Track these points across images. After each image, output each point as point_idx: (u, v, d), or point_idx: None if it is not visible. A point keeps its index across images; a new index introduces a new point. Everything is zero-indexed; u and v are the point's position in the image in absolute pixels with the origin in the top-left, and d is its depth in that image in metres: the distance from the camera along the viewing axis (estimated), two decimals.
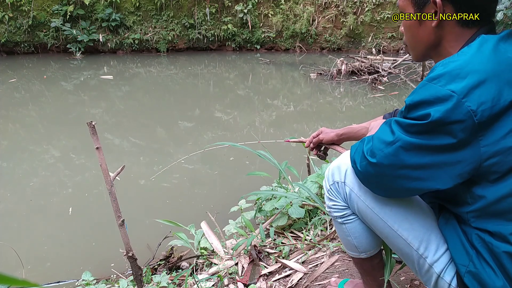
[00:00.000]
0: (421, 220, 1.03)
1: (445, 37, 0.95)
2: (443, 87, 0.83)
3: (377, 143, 0.94)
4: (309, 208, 2.19)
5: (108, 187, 1.52)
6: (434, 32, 0.96)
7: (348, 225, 1.17)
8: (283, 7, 10.06)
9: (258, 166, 3.77)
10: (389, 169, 0.92)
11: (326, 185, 1.17)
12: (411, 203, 1.06)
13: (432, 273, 1.01)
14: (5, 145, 4.67)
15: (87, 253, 2.66)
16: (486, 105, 0.81)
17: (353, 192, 1.09)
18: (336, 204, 1.16)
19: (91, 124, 1.48)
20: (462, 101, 0.81)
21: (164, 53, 10.12)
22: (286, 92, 7.08)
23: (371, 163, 0.95)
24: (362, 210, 1.09)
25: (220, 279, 1.78)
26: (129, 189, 3.45)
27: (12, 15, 9.26)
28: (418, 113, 0.86)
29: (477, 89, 0.81)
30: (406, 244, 1.03)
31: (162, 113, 5.90)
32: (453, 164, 0.86)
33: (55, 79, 7.85)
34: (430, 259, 1.00)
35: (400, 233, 1.03)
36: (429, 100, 0.84)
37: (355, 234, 1.18)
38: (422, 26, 0.97)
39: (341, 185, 1.12)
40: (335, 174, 1.14)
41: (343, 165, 1.12)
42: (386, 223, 1.05)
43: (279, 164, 2.24)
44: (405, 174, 0.91)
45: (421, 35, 0.98)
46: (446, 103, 0.82)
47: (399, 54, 9.60)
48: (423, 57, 1.04)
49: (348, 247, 1.24)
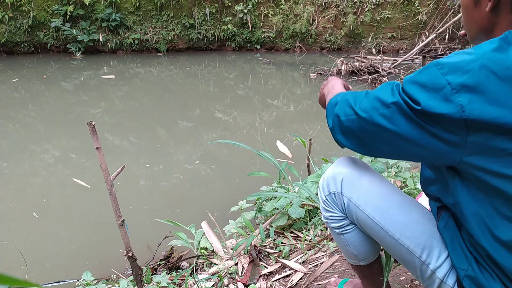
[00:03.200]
0: (422, 227, 1.02)
1: (498, 24, 0.89)
2: (443, 75, 0.80)
3: (373, 100, 0.89)
4: (309, 208, 2.19)
5: (108, 187, 1.52)
6: (488, 17, 0.89)
7: (347, 235, 1.16)
8: (283, 7, 10.06)
9: (258, 166, 3.77)
10: (376, 129, 0.88)
11: (322, 196, 1.15)
12: (412, 208, 1.05)
13: (434, 278, 0.99)
14: (5, 145, 4.67)
15: (87, 253, 2.67)
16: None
17: (351, 202, 1.08)
18: (333, 215, 1.14)
19: (91, 124, 1.48)
20: (455, 95, 0.78)
21: (164, 53, 10.12)
22: (286, 92, 7.08)
23: (360, 118, 0.90)
24: (362, 219, 1.07)
25: (220, 279, 1.78)
26: (129, 189, 3.45)
27: (12, 15, 9.26)
28: (411, 91, 0.82)
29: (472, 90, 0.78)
30: (408, 252, 1.01)
31: (162, 113, 5.90)
32: (437, 150, 0.83)
33: (55, 79, 7.85)
34: (433, 265, 0.99)
35: (402, 241, 1.02)
36: (425, 84, 0.81)
37: (354, 243, 1.17)
38: (477, 8, 0.91)
39: (338, 195, 1.10)
40: (330, 184, 1.11)
41: (338, 174, 1.10)
42: (387, 232, 1.03)
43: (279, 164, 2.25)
44: (390, 139, 0.87)
45: (475, 18, 0.92)
46: (438, 92, 0.79)
47: (399, 54, 9.60)
48: (477, 40, 0.97)
49: (347, 256, 1.23)
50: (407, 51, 9.44)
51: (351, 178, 1.09)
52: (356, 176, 1.09)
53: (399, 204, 1.05)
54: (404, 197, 1.08)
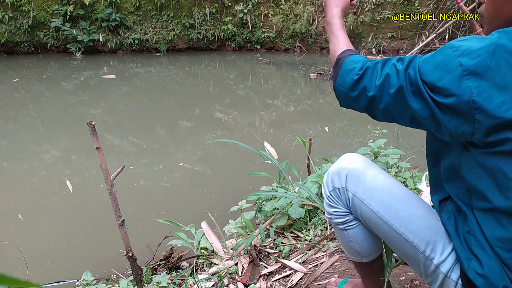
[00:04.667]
0: (426, 222, 1.02)
1: None
2: (456, 57, 0.83)
3: (384, 78, 0.93)
4: (309, 208, 2.19)
5: (108, 187, 1.53)
6: None
7: (350, 231, 1.16)
8: (283, 7, 10.06)
9: (258, 166, 3.77)
10: (387, 107, 0.94)
11: (326, 192, 1.15)
12: (416, 203, 1.05)
13: (438, 273, 1.00)
14: (5, 145, 4.67)
15: (87, 253, 2.67)
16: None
17: (356, 197, 1.08)
18: (337, 210, 1.14)
19: (91, 124, 1.48)
20: (465, 77, 0.81)
21: (164, 53, 10.12)
22: (286, 92, 7.07)
23: (374, 97, 0.95)
24: (366, 214, 1.08)
25: (220, 279, 1.78)
26: (129, 189, 3.45)
27: (12, 15, 9.25)
28: (425, 70, 0.86)
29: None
30: (412, 247, 1.02)
31: (162, 113, 5.90)
32: (449, 124, 0.86)
33: (55, 79, 7.85)
34: (437, 260, 0.99)
35: (406, 236, 1.02)
36: (439, 64, 0.85)
37: (357, 240, 1.17)
38: (509, 1, 0.90)
39: (343, 190, 1.10)
40: (335, 180, 1.12)
41: (343, 170, 1.11)
42: (392, 227, 1.04)
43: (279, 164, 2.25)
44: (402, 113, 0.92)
45: (505, 9, 0.91)
46: (451, 73, 0.83)
47: (399, 54, 9.60)
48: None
49: (349, 253, 1.23)
50: (407, 51, 9.44)
51: (356, 173, 1.10)
52: (360, 171, 1.10)
53: (403, 199, 1.06)
54: (408, 192, 1.09)
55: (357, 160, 1.13)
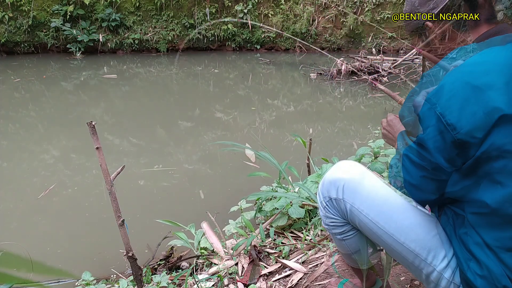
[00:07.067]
0: (426, 229, 1.01)
1: None
2: (434, 108, 0.93)
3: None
4: (309, 208, 2.19)
5: (108, 187, 1.53)
6: None
7: (348, 241, 1.15)
8: (283, 7, 10.06)
9: (258, 166, 3.76)
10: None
11: (322, 202, 1.14)
12: (414, 211, 1.04)
13: (441, 279, 0.99)
14: (5, 145, 4.67)
15: (87, 253, 2.67)
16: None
17: (354, 207, 1.07)
18: (334, 221, 1.13)
19: (91, 124, 1.48)
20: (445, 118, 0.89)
21: (164, 53, 10.12)
22: (286, 92, 7.07)
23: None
24: (365, 224, 1.07)
25: (220, 279, 1.78)
26: (129, 189, 3.45)
27: (12, 15, 9.25)
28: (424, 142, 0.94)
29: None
30: (413, 255, 1.01)
31: (162, 113, 5.90)
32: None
33: (55, 79, 7.85)
34: (440, 267, 0.98)
35: (407, 245, 1.01)
36: (428, 125, 0.93)
37: (356, 249, 1.16)
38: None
39: (339, 201, 1.09)
40: (330, 190, 1.11)
41: (339, 180, 1.09)
42: (392, 236, 1.03)
43: (279, 165, 2.25)
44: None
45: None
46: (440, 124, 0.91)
47: (399, 54, 9.60)
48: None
49: (348, 261, 1.23)
50: (407, 51, 9.44)
51: (352, 183, 1.08)
52: (357, 181, 1.09)
53: (402, 208, 1.05)
54: (405, 201, 1.08)
55: (353, 170, 1.11)
